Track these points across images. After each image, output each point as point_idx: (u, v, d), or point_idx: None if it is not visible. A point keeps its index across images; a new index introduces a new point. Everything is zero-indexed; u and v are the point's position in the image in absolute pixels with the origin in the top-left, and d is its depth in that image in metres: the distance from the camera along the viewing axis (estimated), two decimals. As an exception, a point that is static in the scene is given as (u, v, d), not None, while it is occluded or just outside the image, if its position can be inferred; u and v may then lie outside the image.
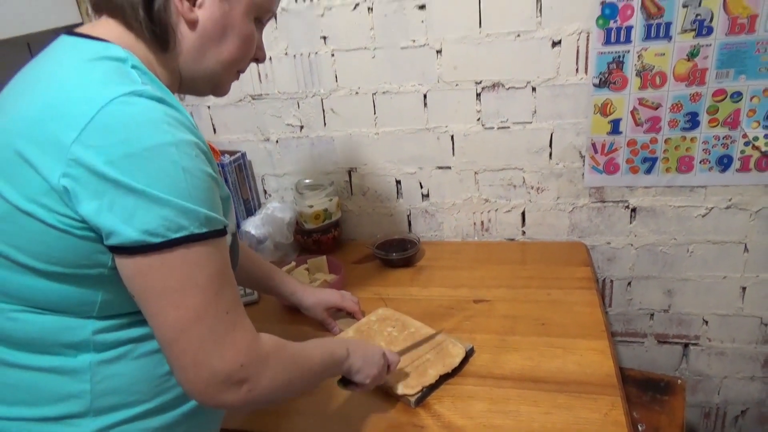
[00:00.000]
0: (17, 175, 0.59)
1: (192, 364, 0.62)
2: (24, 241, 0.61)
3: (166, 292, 0.61)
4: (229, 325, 0.64)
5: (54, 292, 0.64)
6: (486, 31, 1.31)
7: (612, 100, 1.31)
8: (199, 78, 0.75)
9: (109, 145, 0.57)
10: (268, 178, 1.63)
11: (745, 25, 1.19)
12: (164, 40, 0.69)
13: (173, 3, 0.68)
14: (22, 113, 0.61)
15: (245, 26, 0.74)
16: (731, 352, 1.54)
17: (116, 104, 0.58)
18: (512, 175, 1.45)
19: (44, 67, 0.67)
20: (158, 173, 0.58)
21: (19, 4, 1.36)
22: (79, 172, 0.57)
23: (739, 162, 1.32)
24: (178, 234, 0.59)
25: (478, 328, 1.16)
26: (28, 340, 0.66)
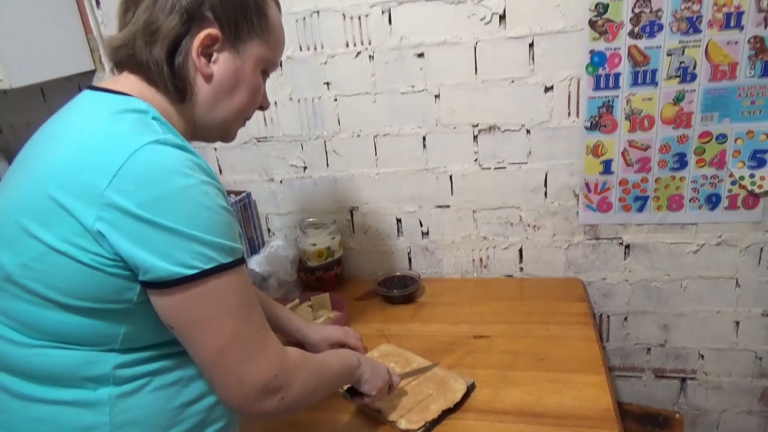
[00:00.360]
0: (52, 219, 0.65)
1: (234, 382, 0.69)
2: (57, 279, 0.66)
3: (204, 320, 0.67)
4: (260, 342, 0.72)
5: (81, 326, 0.68)
6: (482, 78, 1.38)
7: (603, 141, 1.37)
8: (211, 126, 0.82)
9: (140, 189, 0.63)
10: (272, 217, 1.67)
11: (727, 72, 1.26)
12: (183, 92, 0.76)
13: (192, 59, 0.75)
14: (54, 162, 0.67)
15: (254, 79, 0.81)
16: (728, 386, 1.56)
17: (143, 152, 0.64)
18: (509, 214, 1.50)
19: (71, 120, 0.73)
20: (185, 212, 0.65)
21: (35, 53, 1.43)
22: (113, 215, 0.63)
23: (727, 200, 1.38)
24: (210, 265, 0.66)
25: (479, 364, 1.19)
26: (53, 374, 0.70)
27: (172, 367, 0.74)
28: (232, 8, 0.76)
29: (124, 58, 0.77)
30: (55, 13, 1.48)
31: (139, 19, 0.74)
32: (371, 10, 1.37)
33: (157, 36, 0.73)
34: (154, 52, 0.74)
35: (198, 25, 0.75)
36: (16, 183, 0.71)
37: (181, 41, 0.74)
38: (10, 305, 0.69)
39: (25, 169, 0.71)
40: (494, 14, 1.32)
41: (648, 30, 1.25)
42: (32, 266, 0.66)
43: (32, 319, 0.68)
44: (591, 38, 1.28)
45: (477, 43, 1.35)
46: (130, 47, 0.75)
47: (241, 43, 0.78)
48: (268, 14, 0.81)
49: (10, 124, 1.75)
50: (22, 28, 1.38)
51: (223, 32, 0.76)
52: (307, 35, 1.43)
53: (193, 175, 0.67)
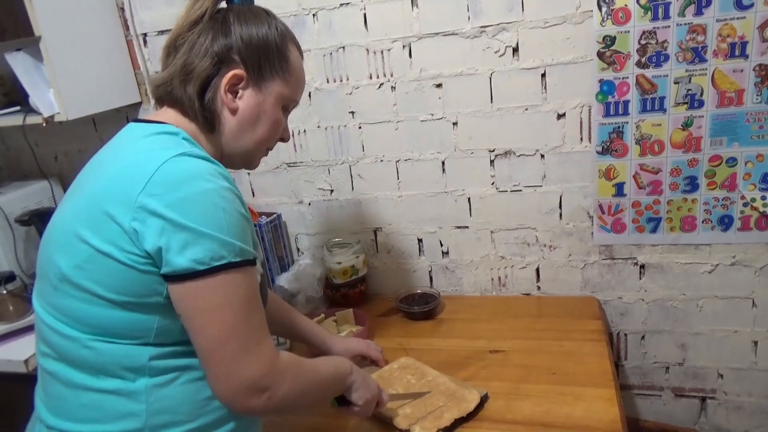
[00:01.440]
0: (101, 226, 0.77)
1: (225, 373, 0.77)
2: (103, 276, 0.77)
3: (208, 311, 0.76)
4: (256, 342, 0.79)
5: (121, 319, 0.79)
6: (497, 106, 1.46)
7: (615, 165, 1.43)
8: (236, 154, 0.94)
9: (166, 192, 0.75)
10: (301, 237, 1.78)
11: (734, 98, 1.31)
12: (212, 123, 0.89)
13: (219, 95, 0.88)
14: (102, 179, 0.81)
15: (275, 113, 0.94)
16: (749, 406, 1.57)
17: (170, 163, 0.77)
18: (526, 234, 1.56)
19: (117, 146, 0.88)
20: (203, 213, 0.75)
21: (89, 88, 1.58)
22: (144, 216, 0.74)
23: (739, 221, 1.41)
24: (220, 262, 0.75)
25: (493, 377, 1.24)
26: (99, 365, 0.80)
27: (199, 365, 0.83)
28: (256, 52, 0.89)
29: (163, 94, 0.91)
30: (107, 51, 1.64)
31: (178, 63, 0.88)
32: (393, 45, 1.48)
33: (191, 76, 0.87)
34: (188, 89, 0.87)
35: (226, 67, 0.88)
36: (73, 200, 0.84)
37: (212, 80, 0.88)
38: (65, 303, 0.80)
39: (80, 188, 0.85)
40: (508, 47, 1.41)
41: (654, 60, 1.32)
42: (83, 266, 0.77)
43: (82, 314, 0.79)
44: (600, 68, 1.36)
45: (492, 74, 1.44)
46: (168, 85, 0.89)
47: (264, 81, 0.90)
48: (289, 58, 0.93)
49: (65, 152, 1.91)
50: (77, 65, 1.53)
51: (248, 72, 0.89)
52: (333, 69, 1.54)
53: (213, 180, 0.77)
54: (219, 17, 0.89)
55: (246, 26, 0.89)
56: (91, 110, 1.58)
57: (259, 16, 0.91)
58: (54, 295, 0.81)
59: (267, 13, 0.93)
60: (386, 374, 1.27)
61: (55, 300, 0.82)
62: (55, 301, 0.81)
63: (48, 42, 1.43)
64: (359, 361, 1.30)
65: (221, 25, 0.88)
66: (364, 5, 1.47)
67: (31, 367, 1.35)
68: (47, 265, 0.82)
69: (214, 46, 0.87)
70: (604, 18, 1.32)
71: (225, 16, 0.90)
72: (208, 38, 0.87)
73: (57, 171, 1.92)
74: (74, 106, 1.51)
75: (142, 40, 1.68)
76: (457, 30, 1.43)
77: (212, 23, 0.89)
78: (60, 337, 0.81)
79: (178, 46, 0.89)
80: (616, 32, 1.32)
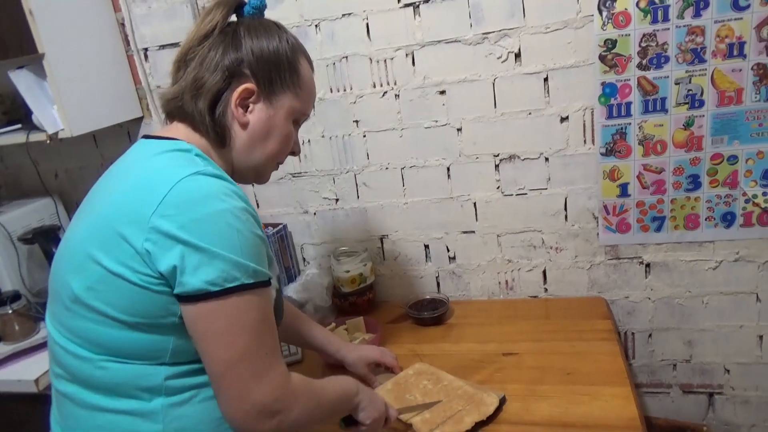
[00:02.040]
0: (113, 246, 0.76)
1: (236, 396, 0.76)
2: (115, 298, 0.76)
3: (221, 333, 0.75)
4: (268, 365, 0.78)
5: (136, 341, 0.78)
6: (501, 111, 1.48)
7: (619, 166, 1.45)
8: (247, 169, 0.93)
9: (180, 213, 0.74)
10: (307, 247, 1.78)
11: (733, 97, 1.34)
12: (223, 137, 0.89)
13: (230, 109, 0.88)
14: (114, 199, 0.80)
15: (286, 127, 0.93)
16: (756, 400, 1.59)
17: (184, 182, 0.76)
18: (532, 237, 1.58)
19: (128, 163, 0.87)
20: (217, 233, 0.74)
21: (92, 104, 1.58)
22: (157, 237, 0.74)
23: (742, 218, 1.44)
24: (233, 284, 0.75)
25: (509, 379, 1.25)
26: (113, 386, 0.80)
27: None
28: (267, 66, 0.88)
29: (173, 109, 0.90)
30: (108, 67, 1.64)
31: (188, 77, 0.87)
32: (396, 53, 1.49)
33: (202, 91, 0.86)
34: (198, 104, 0.86)
35: (237, 81, 0.87)
36: (84, 220, 0.83)
37: (222, 94, 0.87)
38: (78, 324, 0.79)
39: (91, 208, 0.84)
40: (510, 53, 1.43)
41: (655, 62, 1.34)
42: (96, 288, 0.77)
43: (95, 335, 0.78)
44: (602, 71, 1.38)
45: (495, 80, 1.46)
46: (179, 100, 0.88)
47: (275, 95, 0.90)
48: (300, 71, 0.92)
49: (65, 169, 1.90)
50: (80, 81, 1.52)
51: (259, 86, 0.88)
52: (337, 78, 1.55)
53: (227, 200, 0.76)
54: (229, 31, 0.89)
55: (257, 40, 0.88)
56: (95, 126, 1.57)
57: (269, 29, 0.91)
58: (67, 316, 0.80)
59: (278, 27, 0.93)
60: (402, 380, 1.27)
61: (68, 321, 0.81)
62: (68, 323, 0.81)
63: (51, 59, 1.43)
64: (374, 368, 1.30)
65: (232, 38, 0.88)
66: (366, 15, 1.48)
67: (41, 387, 1.34)
68: (60, 285, 0.82)
69: (224, 60, 0.86)
70: (604, 22, 1.34)
71: (235, 29, 0.89)
72: (219, 52, 0.87)
73: (57, 189, 1.91)
74: (78, 122, 1.51)
75: (143, 55, 1.69)
76: (460, 37, 1.44)
77: (223, 37, 0.88)
78: (73, 358, 0.81)
79: (188, 60, 0.88)
80: (617, 35, 1.34)
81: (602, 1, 1.33)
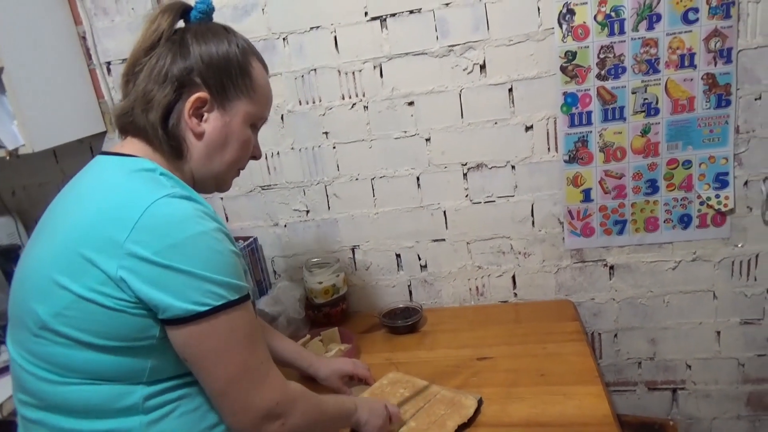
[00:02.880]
0: (79, 271, 0.74)
1: (240, 408, 0.78)
2: (87, 323, 0.74)
3: (216, 352, 0.76)
4: (264, 373, 0.80)
5: (112, 363, 0.76)
6: (468, 121, 1.52)
7: (581, 173, 1.50)
8: (207, 178, 0.91)
9: (155, 238, 0.73)
10: (278, 260, 1.77)
11: (686, 105, 1.42)
12: (178, 150, 0.86)
13: (184, 120, 0.85)
14: (78, 222, 0.77)
15: (243, 133, 0.91)
16: (716, 393, 1.66)
17: (156, 206, 0.74)
18: (501, 243, 1.62)
19: (90, 183, 0.83)
20: (198, 256, 0.74)
21: (54, 119, 1.54)
22: (133, 263, 0.72)
23: (697, 219, 1.51)
24: (220, 302, 0.75)
25: (485, 383, 1.28)
26: (88, 408, 0.77)
27: (195, 393, 0.82)
28: (217, 72, 0.85)
29: (126, 124, 0.87)
30: (70, 81, 1.60)
31: (138, 90, 0.84)
32: (364, 65, 1.52)
33: (152, 104, 0.83)
34: (150, 117, 0.83)
35: (188, 90, 0.84)
36: (45, 242, 0.79)
37: (174, 105, 0.84)
38: (47, 350, 0.77)
39: (52, 229, 0.80)
40: (475, 65, 1.47)
41: (613, 72, 1.41)
42: (64, 314, 0.74)
43: (67, 360, 0.76)
44: (563, 82, 1.43)
45: (461, 91, 1.50)
46: (129, 115, 0.85)
47: (228, 102, 0.87)
48: (252, 75, 0.89)
49: (23, 186, 1.84)
50: (41, 96, 1.48)
51: (211, 94, 0.85)
52: (306, 90, 1.56)
53: (201, 223, 0.76)
54: (176, 39, 0.86)
55: (205, 46, 0.85)
56: (57, 141, 1.53)
57: (218, 33, 0.88)
58: (34, 342, 0.77)
59: (226, 30, 0.90)
60: (378, 391, 1.28)
61: (35, 348, 0.78)
62: (36, 349, 0.78)
63: (11, 72, 1.39)
64: (348, 381, 1.30)
65: (179, 46, 0.85)
66: (334, 28, 1.50)
67: (6, 412, 1.29)
68: (23, 312, 0.78)
69: (173, 70, 0.83)
70: (564, 35, 1.40)
71: (183, 36, 0.86)
72: (167, 62, 0.84)
73: (15, 206, 1.85)
74: (39, 137, 1.47)
75: (105, 69, 1.66)
76: (426, 50, 1.48)
77: (170, 45, 0.85)
78: (43, 383, 0.78)
79: (136, 72, 0.85)
80: (577, 47, 1.40)
81: (562, 15, 1.39)
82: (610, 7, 1.36)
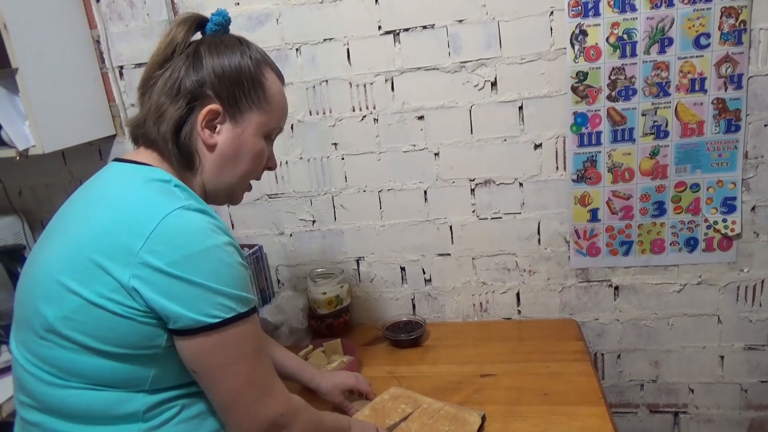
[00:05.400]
0: (90, 277, 0.74)
1: (247, 419, 0.79)
2: (94, 328, 0.74)
3: (225, 364, 0.77)
4: (270, 384, 0.82)
5: (115, 370, 0.76)
6: (477, 137, 1.52)
7: (589, 192, 1.51)
8: (219, 190, 0.91)
9: (169, 249, 0.73)
10: (282, 269, 1.77)
11: (695, 129, 1.42)
12: (190, 162, 0.87)
13: (196, 132, 0.85)
14: (92, 228, 0.77)
15: (256, 144, 0.91)
16: (718, 418, 1.65)
17: (171, 217, 0.75)
18: (506, 260, 1.62)
19: (105, 189, 0.84)
20: (209, 269, 0.75)
21: (65, 121, 1.54)
22: (146, 273, 0.73)
23: (704, 243, 1.51)
24: (230, 315, 0.76)
25: (487, 400, 1.27)
26: (88, 413, 0.77)
27: (193, 402, 0.83)
28: (230, 84, 0.86)
29: (138, 135, 0.88)
30: (82, 84, 1.61)
31: (152, 102, 0.85)
32: (375, 78, 1.52)
33: (164, 117, 0.84)
34: (161, 130, 0.84)
35: (201, 103, 0.85)
36: (56, 245, 0.80)
37: (187, 119, 0.85)
38: (51, 353, 0.77)
39: (64, 232, 0.81)
40: (486, 81, 1.48)
41: (624, 94, 1.41)
42: (72, 317, 0.74)
43: (71, 364, 0.76)
44: (574, 101, 1.44)
45: (472, 107, 1.50)
46: (141, 127, 0.86)
47: (240, 114, 0.87)
48: (265, 86, 0.90)
49: (30, 186, 1.85)
50: (53, 98, 1.49)
51: (223, 106, 0.86)
52: (317, 101, 1.57)
53: (214, 237, 0.77)
54: (191, 51, 0.86)
55: (218, 58, 0.86)
56: (67, 143, 1.54)
57: (231, 45, 0.88)
58: (39, 344, 0.78)
59: (240, 42, 0.90)
60: (379, 406, 1.27)
61: (40, 350, 0.78)
62: (41, 351, 0.78)
63: (24, 74, 1.39)
64: (348, 395, 1.29)
65: (193, 59, 0.85)
66: (347, 40, 1.51)
67: (5, 413, 1.28)
68: (30, 314, 0.78)
69: (186, 83, 0.84)
70: (576, 55, 1.41)
71: (197, 49, 0.87)
72: (180, 74, 0.84)
73: (21, 206, 1.85)
74: (50, 139, 1.47)
75: (118, 73, 1.67)
76: (438, 65, 1.49)
77: (184, 58, 0.86)
78: (45, 385, 0.78)
79: (151, 85, 0.86)
80: (588, 68, 1.41)
81: (574, 36, 1.40)
82: (623, 30, 1.37)
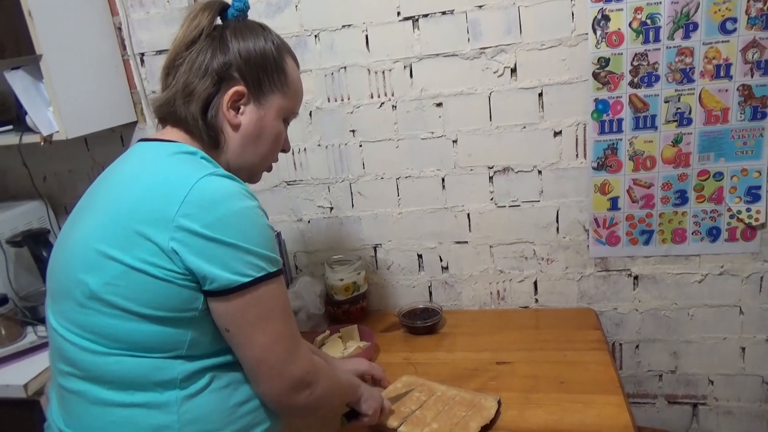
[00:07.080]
0: (130, 244, 0.78)
1: (276, 375, 0.83)
2: (135, 292, 0.78)
3: (257, 321, 0.81)
4: (296, 344, 0.86)
5: (154, 334, 0.80)
6: (496, 124, 1.51)
7: (609, 180, 1.49)
8: (241, 169, 0.95)
9: (203, 212, 0.77)
10: (300, 255, 1.78)
11: (720, 116, 1.39)
12: (216, 140, 0.91)
13: (222, 112, 0.90)
14: (127, 198, 0.81)
15: (276, 126, 0.96)
16: (738, 411, 1.63)
17: (203, 182, 0.79)
18: (524, 248, 1.61)
19: (133, 165, 0.88)
20: (241, 230, 0.79)
21: (87, 107, 1.57)
22: (183, 236, 0.77)
23: (726, 233, 1.48)
24: (261, 273, 0.80)
25: (503, 387, 1.27)
26: (127, 380, 0.80)
27: (224, 373, 0.85)
28: (255, 68, 0.91)
29: (166, 114, 0.92)
30: (104, 70, 1.63)
31: (179, 82, 0.89)
32: (394, 65, 1.52)
33: (193, 96, 0.88)
34: (191, 108, 0.89)
35: (227, 84, 0.90)
36: (90, 219, 0.84)
37: (213, 98, 0.89)
38: (93, 320, 0.80)
39: (96, 208, 0.85)
40: (506, 68, 1.46)
41: (646, 80, 1.39)
42: (114, 283, 0.78)
43: (111, 330, 0.79)
44: (595, 88, 1.42)
45: (491, 94, 1.49)
46: (171, 105, 0.90)
47: (263, 96, 0.92)
48: (286, 70, 0.95)
49: (54, 172, 1.88)
50: (76, 84, 1.52)
51: (248, 88, 0.91)
52: (335, 88, 1.57)
53: (244, 200, 0.81)
54: (216, 35, 0.91)
55: (243, 42, 0.90)
56: (89, 129, 1.56)
57: (255, 31, 0.93)
58: (80, 313, 0.81)
59: (263, 28, 0.95)
60: (393, 394, 1.26)
61: (81, 318, 0.81)
62: (82, 319, 0.81)
63: (48, 60, 1.42)
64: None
65: (219, 42, 0.90)
66: (366, 27, 1.51)
67: (31, 392, 1.32)
68: (71, 284, 0.81)
69: (213, 64, 0.88)
70: (598, 41, 1.39)
71: (222, 33, 0.91)
72: (207, 56, 0.89)
73: (46, 191, 1.88)
74: (73, 125, 1.50)
75: (139, 60, 1.68)
76: (457, 51, 1.48)
77: (210, 41, 0.90)
78: (87, 353, 0.81)
79: (177, 65, 0.90)
80: (610, 54, 1.39)
81: (596, 21, 1.37)
82: (646, 15, 1.35)
